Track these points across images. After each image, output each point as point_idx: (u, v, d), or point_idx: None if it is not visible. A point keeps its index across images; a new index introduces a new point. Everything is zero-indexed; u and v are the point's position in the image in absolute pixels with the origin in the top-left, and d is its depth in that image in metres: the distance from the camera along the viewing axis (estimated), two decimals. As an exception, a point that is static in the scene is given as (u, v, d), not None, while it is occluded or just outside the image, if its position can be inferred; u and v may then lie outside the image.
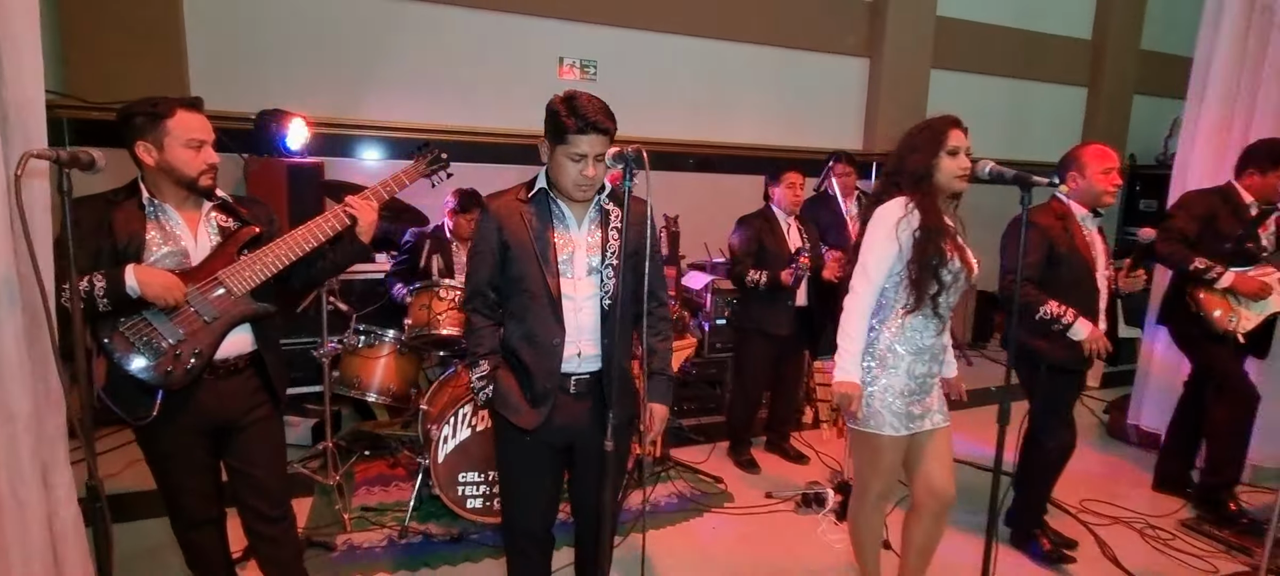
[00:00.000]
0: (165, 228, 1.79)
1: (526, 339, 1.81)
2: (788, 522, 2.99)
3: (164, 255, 1.76)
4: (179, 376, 1.73)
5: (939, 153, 1.94)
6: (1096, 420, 4.34)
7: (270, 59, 4.11)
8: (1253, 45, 3.33)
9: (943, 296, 1.91)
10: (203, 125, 1.79)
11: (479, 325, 1.88)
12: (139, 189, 1.78)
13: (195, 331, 1.75)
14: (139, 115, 1.72)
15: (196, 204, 1.85)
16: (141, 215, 1.76)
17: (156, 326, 1.72)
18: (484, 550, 2.64)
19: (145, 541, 2.60)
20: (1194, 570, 2.67)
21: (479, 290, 1.86)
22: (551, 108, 1.74)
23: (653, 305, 1.96)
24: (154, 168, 1.75)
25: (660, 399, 1.96)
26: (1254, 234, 2.62)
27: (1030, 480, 2.72)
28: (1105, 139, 7.00)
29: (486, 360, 1.87)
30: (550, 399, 1.80)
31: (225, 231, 1.87)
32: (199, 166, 1.77)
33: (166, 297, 1.69)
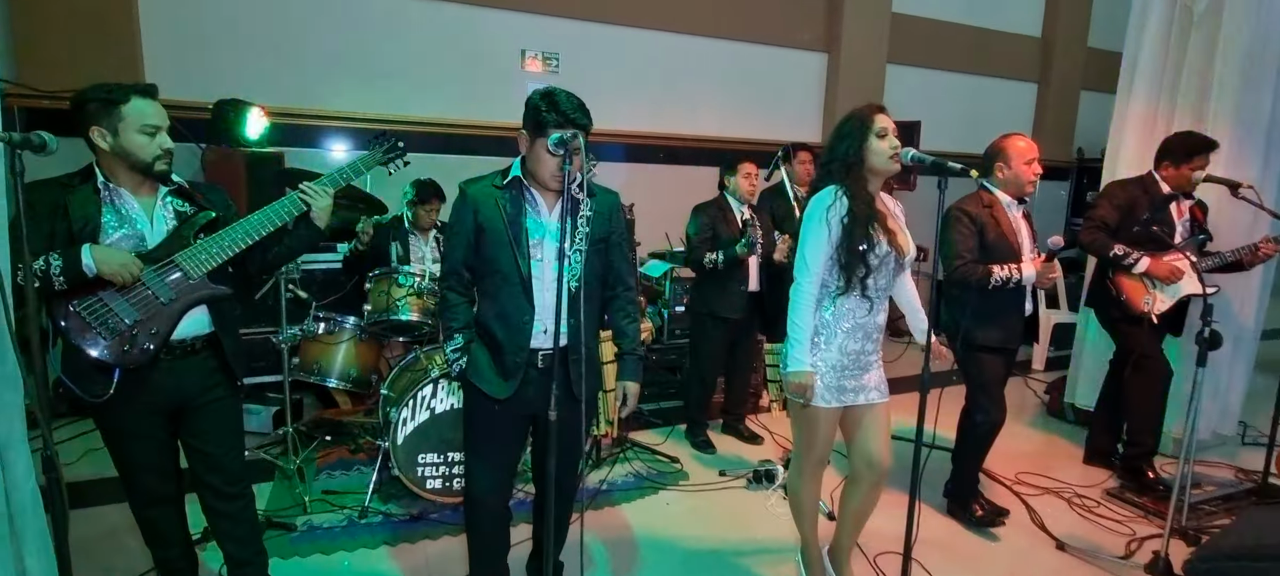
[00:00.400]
0: (121, 211, 1.82)
1: (499, 316, 1.92)
2: (739, 498, 3.12)
3: (120, 238, 1.80)
4: (135, 356, 1.76)
5: (868, 136, 2.04)
6: (1038, 400, 4.56)
7: (227, 48, 4.10)
8: (1174, 42, 3.54)
9: (871, 278, 2.02)
10: (157, 111, 1.82)
11: (454, 301, 1.99)
12: (94, 173, 1.81)
13: (152, 312, 1.79)
14: (93, 101, 1.75)
15: (152, 188, 1.88)
16: (97, 199, 1.79)
17: (113, 307, 1.75)
18: (443, 528, 2.72)
19: (104, 525, 2.63)
20: (1114, 534, 2.86)
21: (454, 269, 1.97)
22: (532, 102, 1.84)
23: (621, 290, 2.11)
24: (108, 152, 1.78)
25: (632, 376, 2.11)
26: (1161, 217, 2.80)
27: (964, 453, 2.88)
28: (1054, 133, 7.32)
29: (461, 333, 1.98)
30: (520, 372, 1.91)
31: (181, 216, 1.90)
32: (153, 152, 1.80)
33: (123, 275, 1.72)
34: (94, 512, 2.72)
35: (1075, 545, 2.75)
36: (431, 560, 2.53)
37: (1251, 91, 3.26)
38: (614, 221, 2.02)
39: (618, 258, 2.07)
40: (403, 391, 2.83)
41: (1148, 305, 2.92)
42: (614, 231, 2.03)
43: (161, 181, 1.88)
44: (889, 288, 2.12)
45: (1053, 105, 7.13)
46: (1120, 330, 3.12)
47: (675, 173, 5.41)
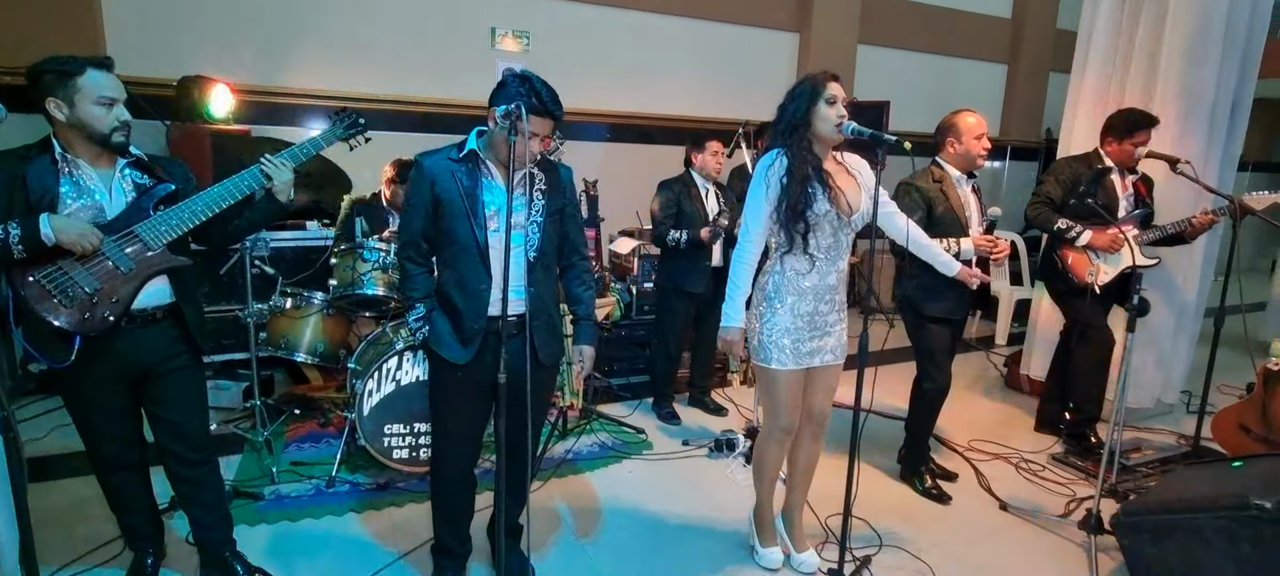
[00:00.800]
0: (79, 183, 1.84)
1: (458, 285, 1.98)
2: (700, 466, 3.21)
3: (79, 209, 1.82)
4: (96, 324, 1.79)
5: (817, 101, 2.09)
6: (998, 373, 4.70)
7: (192, 24, 4.07)
8: (1126, 22, 3.63)
9: (811, 236, 2.08)
10: (113, 83, 1.84)
11: (413, 272, 2.04)
12: (51, 145, 1.83)
13: (112, 282, 1.81)
14: (48, 72, 1.77)
15: (110, 160, 1.90)
16: (55, 170, 1.81)
17: (73, 276, 1.77)
18: (408, 496, 2.78)
19: (71, 497, 2.67)
20: (1056, 496, 2.99)
21: (412, 240, 2.01)
22: (507, 83, 1.86)
23: (576, 259, 2.19)
24: (65, 124, 1.80)
25: (588, 341, 2.20)
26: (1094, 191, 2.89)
27: (914, 420, 2.99)
28: (1023, 114, 7.44)
29: (423, 303, 2.04)
30: (478, 338, 1.98)
31: (140, 188, 1.93)
32: (110, 123, 1.82)
33: (82, 243, 1.74)
34: (61, 485, 2.76)
35: (1018, 505, 2.87)
36: (397, 526, 2.60)
37: (1196, 70, 3.37)
38: (567, 194, 2.09)
39: (572, 228, 2.14)
40: (369, 364, 2.88)
41: (1091, 277, 3.04)
42: (568, 203, 2.10)
43: (119, 153, 1.90)
44: (837, 248, 2.16)
45: (1022, 86, 7.25)
46: (1067, 302, 3.24)
47: (647, 151, 5.46)
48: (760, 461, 2.40)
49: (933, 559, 2.48)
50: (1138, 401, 3.78)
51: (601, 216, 3.84)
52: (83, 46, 3.68)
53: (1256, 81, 3.67)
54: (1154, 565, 2.25)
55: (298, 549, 2.43)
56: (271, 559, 2.34)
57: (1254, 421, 3.06)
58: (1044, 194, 3.11)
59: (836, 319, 2.24)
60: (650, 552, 2.51)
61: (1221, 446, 3.20)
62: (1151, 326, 3.68)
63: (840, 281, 2.21)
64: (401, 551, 2.41)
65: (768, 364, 2.20)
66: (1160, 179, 3.30)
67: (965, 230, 2.74)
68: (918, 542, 2.59)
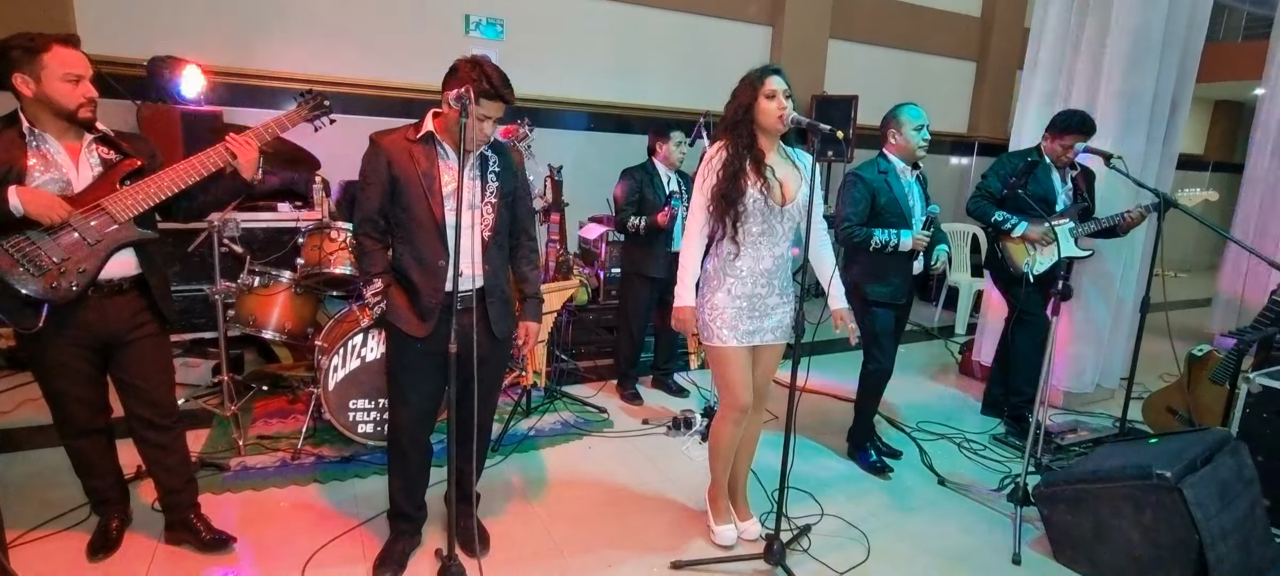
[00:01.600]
0: (46, 156, 1.90)
1: (416, 260, 2.06)
2: (658, 443, 3.34)
3: (46, 182, 1.88)
4: (63, 293, 1.87)
5: (757, 97, 2.19)
6: (954, 361, 4.87)
7: (163, 5, 4.09)
8: (1073, 23, 3.79)
9: (740, 224, 2.19)
10: (79, 60, 1.90)
11: (370, 248, 2.11)
12: (19, 120, 1.89)
13: (78, 253, 1.88)
14: (15, 48, 1.83)
15: (77, 135, 1.96)
16: (22, 143, 1.87)
17: (40, 246, 1.84)
18: (372, 469, 2.88)
19: (39, 465, 2.73)
20: (993, 472, 3.15)
21: (369, 216, 2.07)
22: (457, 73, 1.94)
23: (524, 239, 2.29)
24: (32, 99, 1.86)
25: (533, 317, 2.29)
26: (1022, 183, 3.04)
27: (861, 400, 3.14)
28: (991, 111, 7.62)
29: (380, 278, 2.10)
30: (436, 313, 2.06)
31: (107, 163, 1.99)
32: (77, 99, 1.88)
33: (50, 215, 1.81)
34: (29, 455, 2.82)
35: (955, 481, 3.03)
36: (359, 496, 2.69)
37: (1137, 72, 3.53)
38: (519, 177, 2.19)
39: (521, 210, 2.24)
40: (335, 341, 2.96)
41: (1027, 266, 3.19)
42: (519, 187, 2.20)
43: (86, 128, 1.96)
44: (771, 235, 2.24)
45: (990, 83, 7.43)
46: (1007, 290, 3.41)
47: (621, 140, 5.55)
48: (715, 441, 2.45)
49: (868, 527, 2.63)
50: (1079, 387, 3.97)
51: (566, 202, 3.94)
52: (52, 24, 3.70)
53: (1195, 84, 3.86)
54: (1070, 531, 2.41)
55: (262, 517, 2.52)
56: (236, 526, 2.42)
57: (1180, 403, 3.25)
58: (984, 187, 3.27)
59: (778, 301, 2.33)
60: (605, 520, 2.63)
61: (1151, 427, 3.39)
62: (1091, 317, 3.87)
63: (778, 266, 2.30)
64: (362, 518, 2.51)
65: (710, 341, 2.32)
66: (1101, 175, 3.46)
67: (908, 221, 2.87)
68: (856, 513, 2.73)
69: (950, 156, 7.55)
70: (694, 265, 2.29)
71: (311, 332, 3.40)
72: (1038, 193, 3.14)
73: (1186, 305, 7.22)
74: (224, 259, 3.13)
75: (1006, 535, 2.60)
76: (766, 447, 2.69)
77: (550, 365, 3.83)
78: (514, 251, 2.28)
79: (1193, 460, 2.21)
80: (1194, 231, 5.50)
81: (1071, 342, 3.86)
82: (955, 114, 7.53)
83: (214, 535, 2.29)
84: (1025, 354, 3.35)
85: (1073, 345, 3.86)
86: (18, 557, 2.14)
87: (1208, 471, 2.21)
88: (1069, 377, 3.92)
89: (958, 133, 7.52)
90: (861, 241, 2.81)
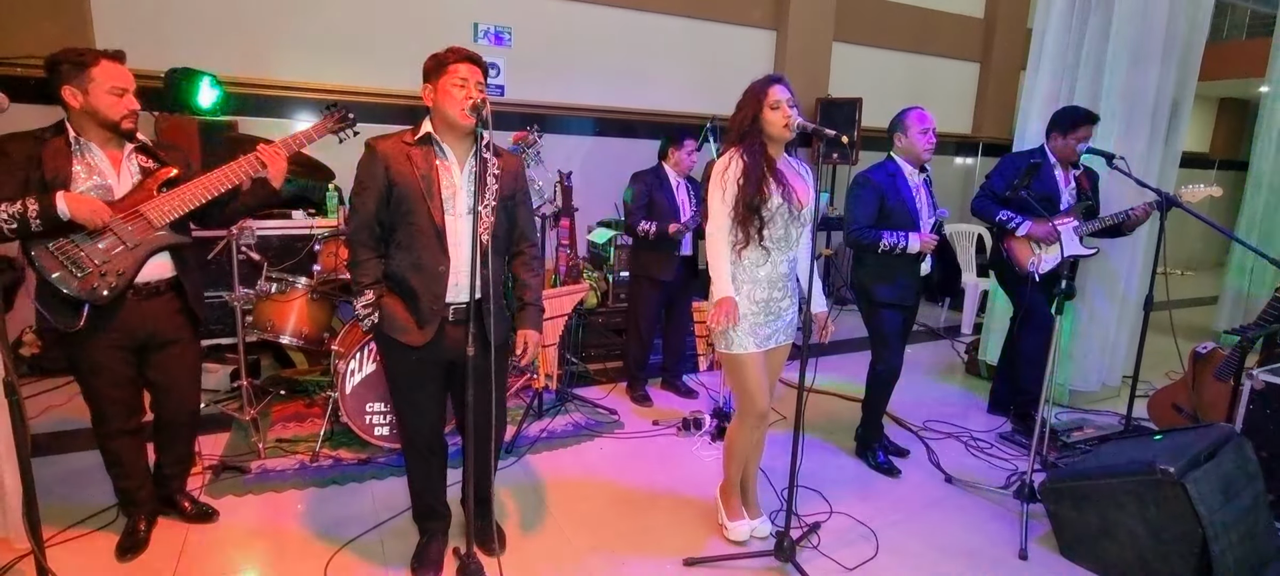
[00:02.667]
0: (90, 163, 2.02)
1: (414, 266, 2.02)
2: (669, 444, 3.39)
3: (89, 188, 2.00)
4: (102, 293, 1.98)
5: (762, 108, 2.25)
6: (960, 360, 4.91)
7: (180, 16, 4.17)
8: (1075, 24, 3.83)
9: (765, 231, 2.24)
10: (124, 75, 2.03)
11: (364, 257, 2.07)
12: (66, 129, 2.01)
13: (117, 255, 2.00)
14: (66, 63, 1.96)
15: (119, 145, 2.09)
16: (68, 151, 1.99)
17: (82, 248, 1.96)
18: (390, 470, 2.94)
19: (66, 469, 2.80)
20: (1000, 470, 3.18)
21: (366, 223, 2.04)
22: (427, 62, 2.02)
23: (525, 245, 2.27)
24: (79, 110, 1.98)
25: (533, 325, 2.25)
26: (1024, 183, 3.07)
27: (869, 400, 3.18)
28: (995, 112, 7.65)
29: (371, 290, 2.07)
30: (436, 320, 2.04)
31: (146, 171, 2.12)
32: (120, 111, 2.01)
33: (93, 220, 1.93)
34: (57, 459, 2.89)
35: (962, 478, 3.07)
36: (377, 499, 2.75)
37: (1139, 72, 3.57)
38: (519, 181, 2.18)
39: (523, 216, 2.22)
40: (350, 346, 3.03)
41: (1032, 265, 3.23)
42: (519, 191, 2.18)
43: (128, 138, 2.09)
44: (787, 239, 2.31)
45: (994, 85, 7.45)
46: (1012, 289, 3.44)
47: (628, 145, 5.61)
48: (732, 444, 2.49)
49: (876, 525, 2.67)
50: (1084, 385, 4.00)
51: (576, 207, 4.00)
52: (71, 37, 3.80)
53: (1199, 82, 3.89)
54: (1075, 527, 2.45)
55: (282, 519, 2.57)
56: (258, 527, 2.50)
57: (1184, 400, 3.28)
58: (988, 188, 3.31)
59: (789, 304, 2.40)
60: (617, 519, 2.68)
61: (1156, 424, 3.41)
62: (1096, 315, 3.90)
63: (791, 269, 2.37)
64: (380, 519, 2.57)
65: (729, 348, 2.34)
66: (1104, 174, 3.50)
67: (915, 223, 2.92)
68: (865, 511, 2.78)
69: (955, 157, 7.58)
70: (726, 261, 2.28)
71: (327, 337, 3.47)
72: (1041, 192, 3.18)
73: (1193, 303, 7.23)
74: (242, 266, 3.21)
75: (1014, 531, 2.63)
76: (775, 447, 2.73)
77: (561, 368, 3.88)
78: (516, 257, 2.26)
79: (1197, 455, 2.24)
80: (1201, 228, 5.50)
81: (1077, 341, 3.89)
82: (959, 115, 7.56)
83: (198, 508, 2.47)
84: (1031, 353, 3.38)
85: (1078, 343, 3.89)
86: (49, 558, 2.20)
87: (1211, 466, 2.24)
88: (1074, 376, 3.95)
89: (962, 133, 7.55)
90: (870, 243, 2.85)
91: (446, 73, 1.98)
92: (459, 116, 1.97)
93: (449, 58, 1.98)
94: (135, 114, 2.05)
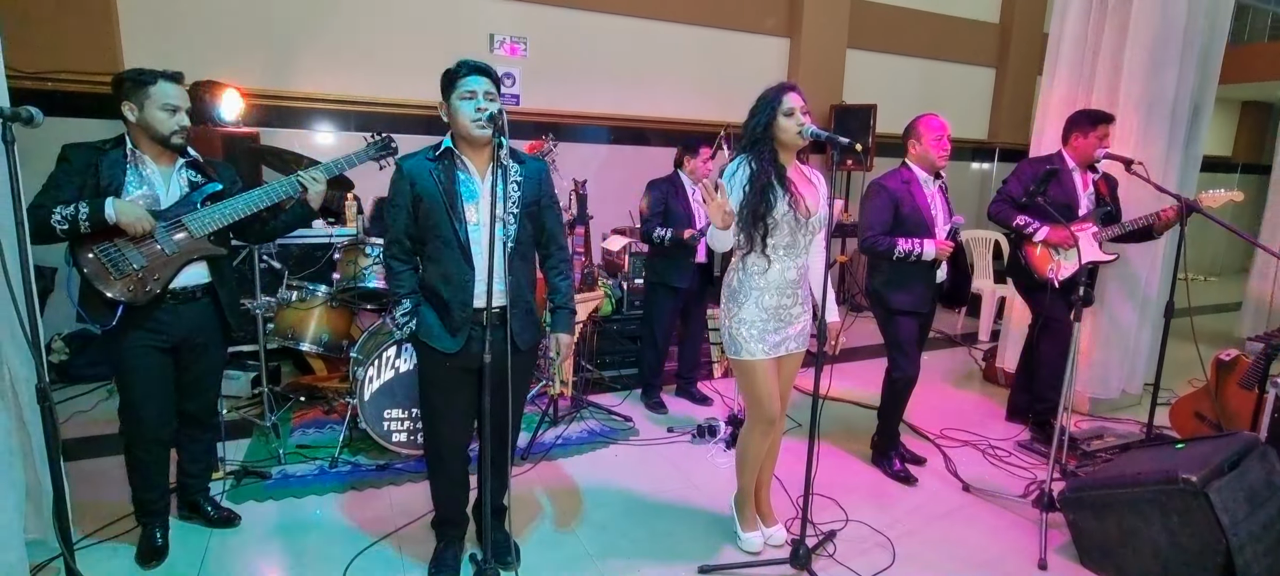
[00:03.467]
0: (142, 174, 2.16)
1: (443, 278, 2.10)
2: (684, 451, 3.39)
3: (138, 197, 2.12)
4: (140, 295, 2.10)
5: (776, 114, 2.26)
6: (978, 367, 4.86)
7: (204, 31, 4.28)
8: (1092, 27, 3.80)
9: (769, 237, 2.25)
10: (179, 94, 2.16)
11: (398, 270, 2.16)
12: (124, 141, 2.15)
13: (157, 261, 2.12)
14: (128, 80, 2.11)
15: (170, 158, 2.22)
16: (124, 162, 2.13)
17: (125, 253, 2.08)
18: (407, 476, 2.97)
19: (90, 474, 2.86)
20: (1018, 478, 3.15)
21: (396, 238, 2.12)
22: (441, 78, 2.07)
23: (554, 249, 2.30)
24: (135, 125, 2.12)
25: (564, 329, 2.30)
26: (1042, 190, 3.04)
27: (885, 408, 3.17)
28: (1011, 117, 7.60)
29: (409, 298, 2.15)
30: (466, 328, 2.10)
31: (193, 184, 2.24)
32: (171, 127, 2.14)
33: (137, 227, 2.05)
34: (85, 464, 2.95)
35: (980, 487, 3.04)
36: (395, 504, 2.78)
37: (1157, 74, 3.53)
38: (543, 187, 2.21)
39: (550, 220, 2.24)
40: (369, 353, 3.07)
41: (1052, 272, 3.20)
42: (543, 196, 2.20)
43: (179, 153, 2.22)
44: (795, 247, 2.31)
45: (1010, 90, 7.40)
46: (1031, 296, 3.41)
47: (641, 153, 5.65)
48: (743, 451, 2.50)
49: (893, 533, 2.65)
50: (1104, 393, 3.95)
51: (590, 215, 4.03)
52: (102, 53, 3.91)
53: (1218, 85, 3.84)
54: (1096, 536, 2.42)
55: (302, 523, 2.62)
56: (278, 532, 2.54)
57: (1207, 408, 3.23)
58: (1005, 193, 3.29)
59: (800, 311, 2.39)
60: (632, 528, 2.69)
61: (1178, 432, 3.36)
62: (1116, 322, 3.85)
63: (801, 277, 2.37)
64: (398, 526, 2.60)
65: (739, 355, 2.35)
66: (1123, 179, 3.46)
67: (930, 230, 2.90)
68: (881, 519, 2.76)
69: (971, 162, 7.53)
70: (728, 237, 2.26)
71: (346, 344, 3.52)
72: (1060, 198, 3.16)
73: (1216, 310, 7.11)
74: (263, 274, 3.27)
75: (1033, 541, 2.60)
76: (790, 455, 2.72)
77: (576, 375, 3.91)
78: (545, 261, 2.29)
79: (1219, 465, 2.21)
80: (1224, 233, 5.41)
81: (1097, 348, 3.85)
82: (975, 120, 7.51)
83: (221, 513, 2.54)
84: (1050, 361, 3.35)
85: (1098, 351, 3.85)
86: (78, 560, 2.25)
87: (1235, 476, 2.21)
88: (1094, 383, 3.90)
89: (978, 139, 7.50)
90: (885, 250, 2.85)
91: (455, 87, 2.03)
92: (470, 128, 2.02)
93: (458, 71, 2.03)
94: (186, 131, 2.17)
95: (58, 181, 2.04)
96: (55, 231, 1.97)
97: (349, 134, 4.70)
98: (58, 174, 2.06)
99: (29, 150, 1.95)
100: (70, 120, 3.69)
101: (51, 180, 2.05)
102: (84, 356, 3.90)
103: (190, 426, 2.44)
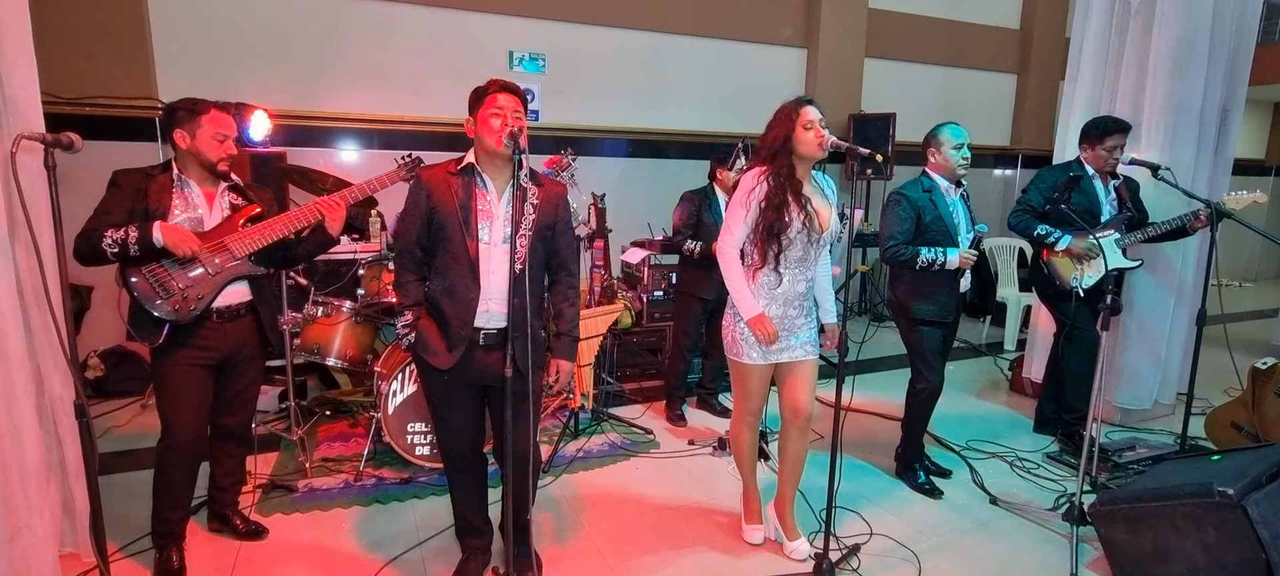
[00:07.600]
0: (187, 198, 2.25)
1: (447, 292, 2.10)
2: (704, 464, 3.38)
3: (183, 219, 2.22)
4: (185, 314, 2.18)
5: (794, 127, 2.27)
6: (1004, 378, 4.78)
7: (232, 56, 4.40)
8: (1115, 32, 3.75)
9: (783, 254, 2.27)
10: (228, 123, 2.27)
11: (406, 280, 2.18)
12: (172, 167, 2.25)
13: (200, 280, 2.21)
14: (181, 109, 2.22)
15: (214, 183, 2.32)
16: (170, 187, 2.23)
17: (171, 274, 2.17)
18: (431, 489, 3.00)
19: (122, 488, 2.91)
20: (1047, 491, 3.09)
21: (407, 247, 2.14)
22: (470, 94, 2.11)
23: (563, 276, 2.29)
24: (186, 151, 2.22)
25: (566, 356, 2.28)
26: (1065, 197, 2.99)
27: (909, 419, 3.13)
28: (1034, 123, 7.51)
29: (411, 311, 2.17)
30: (463, 345, 2.10)
31: (235, 207, 2.34)
32: (219, 154, 2.25)
33: (182, 248, 2.13)
34: (119, 478, 3.01)
35: (1008, 500, 2.99)
36: (419, 516, 2.81)
37: (1183, 79, 3.47)
38: (560, 212, 2.21)
39: (563, 245, 2.24)
40: (393, 367, 3.11)
41: (1075, 280, 3.15)
42: (559, 221, 2.20)
43: (223, 178, 2.31)
44: (806, 260, 2.33)
45: (1032, 95, 7.31)
46: (1055, 305, 3.36)
47: (659, 166, 5.67)
48: (736, 444, 2.63)
49: (919, 547, 2.61)
50: (1136, 402, 3.86)
51: (609, 228, 4.05)
52: (137, 79, 4.04)
53: (1249, 87, 3.76)
54: (1129, 551, 2.36)
55: (328, 537, 2.65)
56: (305, 545, 2.57)
57: (1244, 418, 3.14)
58: (1026, 201, 3.24)
59: (804, 321, 2.42)
60: (653, 539, 2.68)
61: (1214, 443, 3.28)
62: (1147, 330, 3.77)
63: (808, 288, 2.40)
64: (422, 538, 2.62)
65: (738, 358, 2.42)
66: (1147, 183, 3.40)
67: (953, 239, 2.88)
68: (906, 533, 2.72)
69: (993, 169, 7.44)
70: (742, 275, 2.34)
71: (370, 359, 3.57)
72: (1083, 205, 3.11)
73: (1252, 316, 6.92)
74: (290, 290, 3.34)
75: (1063, 555, 2.55)
76: (813, 468, 2.70)
77: (597, 388, 3.92)
78: (553, 286, 2.27)
79: (1258, 477, 2.15)
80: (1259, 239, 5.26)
81: (1127, 356, 3.76)
82: (997, 127, 7.43)
83: (249, 526, 2.60)
84: (1077, 370, 3.29)
85: (1128, 359, 3.76)
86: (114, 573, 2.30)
87: (1274, 488, 2.14)
88: (1125, 393, 3.82)
89: (1000, 146, 7.41)
90: (907, 260, 2.83)
91: (485, 103, 2.06)
92: (495, 145, 2.03)
93: (488, 88, 2.07)
94: (231, 158, 2.28)
95: (108, 206, 2.13)
96: (106, 254, 2.06)
97: (373, 151, 4.79)
98: (108, 198, 2.15)
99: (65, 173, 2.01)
100: (106, 143, 3.81)
101: (102, 205, 2.14)
102: (119, 372, 4.01)
103: (227, 440, 2.51)
